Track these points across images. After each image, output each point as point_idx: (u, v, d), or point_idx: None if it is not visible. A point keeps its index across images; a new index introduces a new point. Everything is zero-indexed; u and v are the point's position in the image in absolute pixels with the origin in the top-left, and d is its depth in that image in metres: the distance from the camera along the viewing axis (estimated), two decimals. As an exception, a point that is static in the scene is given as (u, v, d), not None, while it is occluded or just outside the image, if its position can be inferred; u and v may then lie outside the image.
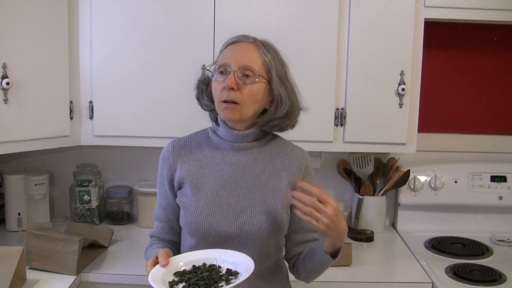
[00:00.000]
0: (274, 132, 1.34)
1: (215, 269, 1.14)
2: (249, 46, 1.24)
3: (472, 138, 2.27)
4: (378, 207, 2.16)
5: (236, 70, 1.20)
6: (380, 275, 1.76)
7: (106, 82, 1.90)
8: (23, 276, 1.55)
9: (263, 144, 1.32)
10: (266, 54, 1.23)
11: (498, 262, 1.83)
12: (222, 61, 1.24)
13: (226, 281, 1.10)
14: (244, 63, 1.20)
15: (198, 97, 1.36)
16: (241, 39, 1.26)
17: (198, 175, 1.28)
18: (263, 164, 1.29)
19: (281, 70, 1.25)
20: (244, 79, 1.20)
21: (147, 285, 1.67)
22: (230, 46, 1.26)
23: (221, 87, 1.21)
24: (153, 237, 1.39)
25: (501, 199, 2.13)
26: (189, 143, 1.34)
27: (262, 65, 1.22)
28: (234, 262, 1.16)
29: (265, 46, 1.25)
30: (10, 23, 1.65)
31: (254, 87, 1.21)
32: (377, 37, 1.85)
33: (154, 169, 2.26)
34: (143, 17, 1.86)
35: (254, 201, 1.25)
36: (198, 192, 1.27)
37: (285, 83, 1.26)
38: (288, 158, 1.32)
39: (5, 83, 1.62)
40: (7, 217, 2.08)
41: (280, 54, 1.28)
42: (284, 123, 1.29)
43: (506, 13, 1.89)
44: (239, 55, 1.22)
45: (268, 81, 1.23)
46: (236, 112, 1.21)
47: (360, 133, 1.91)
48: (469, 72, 2.25)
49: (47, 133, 1.82)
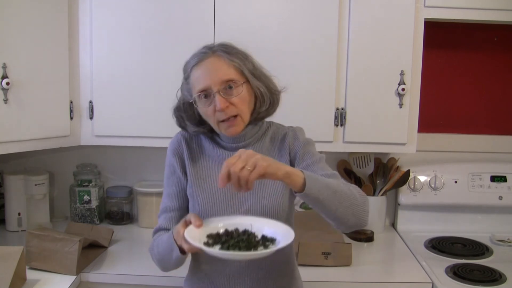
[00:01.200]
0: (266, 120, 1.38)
1: (252, 234, 1.15)
2: (213, 60, 1.24)
3: (472, 138, 2.26)
4: (378, 207, 2.16)
5: (218, 88, 1.21)
6: (380, 275, 1.76)
7: (106, 82, 1.90)
8: (23, 276, 1.55)
9: (259, 136, 1.35)
10: (232, 59, 1.24)
11: (498, 262, 1.83)
12: (198, 86, 1.24)
13: (264, 246, 1.10)
14: (219, 78, 1.21)
15: (180, 124, 1.38)
16: (201, 57, 1.25)
17: (203, 166, 1.33)
18: (262, 153, 1.30)
19: (249, 65, 1.27)
20: (229, 92, 1.22)
21: (147, 285, 1.69)
22: (195, 68, 1.26)
23: (212, 110, 1.23)
24: (159, 231, 1.35)
25: (501, 199, 2.13)
26: (194, 136, 1.38)
27: (234, 71, 1.24)
28: (270, 229, 1.16)
29: (225, 51, 1.25)
30: (10, 23, 1.65)
31: (241, 94, 1.23)
32: (377, 37, 1.85)
33: (154, 169, 2.30)
34: (143, 17, 1.86)
35: (256, 187, 1.27)
36: (203, 183, 1.31)
37: (257, 75, 1.28)
38: (279, 138, 1.35)
39: (5, 83, 1.62)
40: (7, 217, 2.08)
41: (239, 49, 1.28)
42: (270, 111, 1.33)
43: (506, 13, 1.89)
44: (211, 73, 1.22)
45: (247, 81, 1.25)
46: (239, 125, 1.26)
47: (360, 133, 1.91)
48: (469, 72, 2.25)
49: (47, 133, 1.82)
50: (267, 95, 1.29)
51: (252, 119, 1.31)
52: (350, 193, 1.17)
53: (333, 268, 1.75)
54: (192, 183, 1.32)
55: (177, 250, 1.19)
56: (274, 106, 1.33)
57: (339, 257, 1.76)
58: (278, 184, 1.28)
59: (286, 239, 1.09)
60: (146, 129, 1.92)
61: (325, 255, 1.76)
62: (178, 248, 1.19)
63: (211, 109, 1.23)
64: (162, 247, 1.25)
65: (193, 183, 1.32)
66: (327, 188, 1.12)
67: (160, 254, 1.27)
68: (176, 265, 1.27)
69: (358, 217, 1.17)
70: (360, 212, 1.17)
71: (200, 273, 1.34)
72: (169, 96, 1.89)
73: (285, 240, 1.09)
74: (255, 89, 1.27)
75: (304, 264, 1.71)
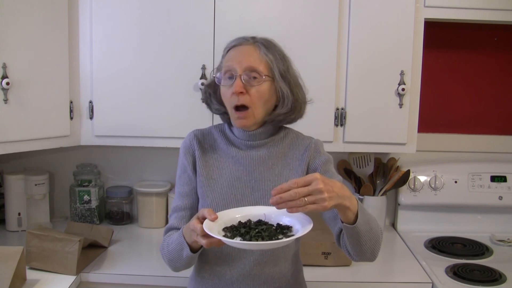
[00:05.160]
0: (285, 126, 1.37)
1: (267, 223, 1.14)
2: (250, 47, 1.26)
3: (472, 138, 2.26)
4: (378, 207, 2.16)
5: (241, 73, 1.23)
6: (380, 275, 1.76)
7: (106, 82, 1.90)
8: (23, 276, 1.55)
9: (276, 139, 1.34)
10: (267, 53, 1.25)
11: (498, 262, 1.83)
12: (226, 66, 1.26)
13: (283, 234, 1.10)
14: (247, 64, 1.23)
15: (206, 101, 1.39)
16: (241, 41, 1.28)
17: (215, 167, 1.33)
18: (276, 157, 1.32)
19: (283, 67, 1.27)
20: (250, 81, 1.23)
21: (147, 285, 1.69)
22: (232, 50, 1.29)
23: (230, 93, 1.24)
24: (170, 230, 1.33)
25: (501, 199, 2.13)
26: (208, 135, 1.38)
27: (264, 65, 1.24)
28: (283, 218, 1.15)
29: (265, 45, 1.27)
30: (10, 23, 1.65)
31: (261, 87, 1.24)
32: (377, 37, 1.85)
33: (154, 169, 2.30)
34: (143, 17, 1.86)
35: (268, 192, 1.27)
36: (214, 183, 1.31)
37: (287, 78, 1.28)
38: (299, 148, 1.34)
39: (5, 83, 1.62)
40: (7, 217, 2.08)
41: (280, 49, 1.30)
42: (290, 117, 1.32)
43: (506, 13, 1.89)
44: (241, 58, 1.24)
45: (272, 79, 1.25)
46: (249, 118, 1.25)
47: (360, 133, 1.91)
48: (469, 72, 2.25)
49: (47, 133, 1.82)
50: (290, 100, 1.27)
51: (269, 120, 1.30)
52: (378, 231, 1.20)
53: (333, 268, 1.76)
54: (202, 183, 1.32)
55: (187, 249, 1.19)
56: (295, 113, 1.31)
57: (339, 257, 1.76)
58: None
59: (304, 225, 1.08)
60: (146, 129, 1.92)
61: (325, 255, 1.76)
62: (188, 246, 1.19)
63: (230, 91, 1.24)
64: (172, 247, 1.25)
65: (203, 183, 1.31)
66: (367, 224, 1.15)
67: (170, 253, 1.27)
68: (187, 265, 1.27)
69: (374, 254, 1.22)
70: (377, 250, 1.22)
71: (204, 272, 1.33)
72: (169, 96, 1.90)
73: (304, 225, 1.07)
74: (278, 89, 1.26)
75: (304, 264, 1.70)
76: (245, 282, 1.28)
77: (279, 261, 1.29)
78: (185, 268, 1.29)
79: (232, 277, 1.28)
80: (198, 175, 1.33)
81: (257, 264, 1.27)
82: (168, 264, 1.30)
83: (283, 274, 1.31)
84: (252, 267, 1.27)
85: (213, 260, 1.31)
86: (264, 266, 1.28)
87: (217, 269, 1.30)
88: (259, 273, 1.28)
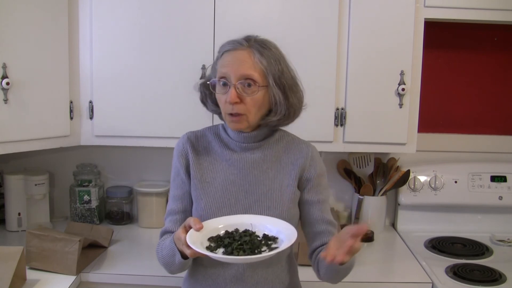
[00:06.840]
0: (281, 128, 1.37)
1: (253, 234, 1.14)
2: (244, 53, 1.23)
3: (472, 138, 2.26)
4: (378, 207, 2.16)
5: (236, 82, 1.21)
6: (380, 275, 1.76)
7: (106, 82, 1.90)
8: (23, 276, 1.55)
9: (271, 142, 1.34)
10: (261, 59, 1.22)
11: (498, 262, 1.83)
12: (220, 72, 1.24)
13: (267, 246, 1.09)
14: (242, 72, 1.21)
15: (202, 100, 1.38)
16: (235, 46, 1.25)
17: (208, 170, 1.32)
18: (270, 161, 1.32)
19: (277, 71, 1.24)
20: (245, 90, 1.22)
21: (147, 285, 1.69)
22: (226, 54, 1.25)
23: (224, 100, 1.24)
24: (165, 233, 1.34)
25: (501, 199, 2.13)
26: (201, 137, 1.37)
27: (259, 72, 1.22)
28: (271, 228, 1.16)
29: (259, 49, 1.23)
30: (10, 23, 1.65)
31: (255, 96, 1.23)
32: (377, 37, 1.85)
33: (154, 169, 2.30)
34: (143, 17, 1.86)
35: (262, 196, 1.27)
36: (208, 186, 1.30)
37: (282, 84, 1.25)
38: (294, 152, 1.34)
39: (5, 83, 1.62)
40: (7, 217, 2.08)
41: (275, 50, 1.27)
42: (283, 123, 1.31)
43: (506, 13, 1.89)
44: (236, 66, 1.22)
45: (266, 86, 1.24)
46: (243, 122, 1.25)
47: (360, 133, 1.91)
48: (469, 72, 2.25)
49: (47, 133, 1.82)
50: (283, 106, 1.26)
51: (263, 124, 1.30)
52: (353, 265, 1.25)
53: (333, 268, 1.75)
54: (196, 186, 1.31)
55: (179, 255, 1.19)
56: (288, 119, 1.30)
57: (339, 257, 1.76)
58: (285, 195, 1.28)
59: (289, 237, 1.08)
60: (146, 129, 1.91)
61: (325, 255, 1.76)
62: (180, 253, 1.19)
63: (224, 98, 1.24)
64: (166, 252, 1.25)
65: (197, 186, 1.31)
66: (350, 264, 1.22)
67: (164, 258, 1.27)
68: (181, 269, 1.27)
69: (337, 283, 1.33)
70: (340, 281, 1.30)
71: (198, 274, 1.33)
72: (169, 96, 1.90)
73: (289, 238, 1.08)
74: (272, 96, 1.25)
75: (304, 264, 1.70)
76: (238, 284, 1.27)
77: (272, 263, 1.29)
78: (180, 271, 1.29)
79: (226, 279, 1.28)
80: (191, 178, 1.32)
81: (250, 266, 1.27)
82: (164, 267, 1.31)
83: (276, 275, 1.31)
84: (245, 269, 1.27)
85: (206, 262, 1.30)
86: (257, 268, 1.27)
87: (210, 271, 1.30)
88: (252, 275, 1.27)
